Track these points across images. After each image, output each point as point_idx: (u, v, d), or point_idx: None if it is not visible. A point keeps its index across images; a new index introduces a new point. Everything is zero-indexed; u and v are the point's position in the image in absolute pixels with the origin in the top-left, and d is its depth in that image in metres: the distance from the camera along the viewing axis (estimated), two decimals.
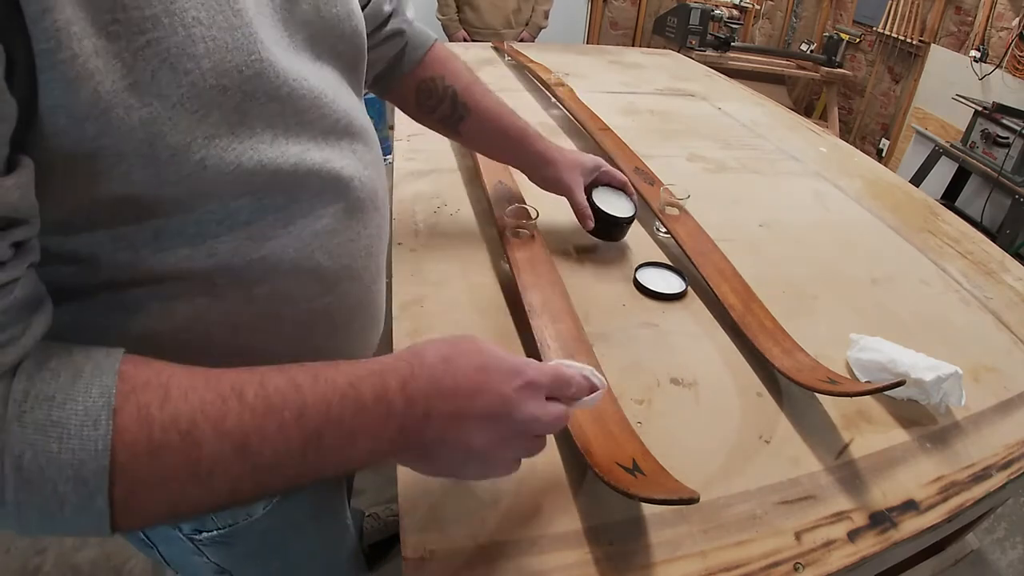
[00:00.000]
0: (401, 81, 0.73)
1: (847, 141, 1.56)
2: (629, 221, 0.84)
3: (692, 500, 0.42)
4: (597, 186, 0.83)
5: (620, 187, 0.84)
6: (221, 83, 0.33)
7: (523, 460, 0.42)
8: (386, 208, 0.54)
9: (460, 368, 0.37)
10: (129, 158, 0.31)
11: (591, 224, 0.81)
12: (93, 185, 0.31)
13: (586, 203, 0.79)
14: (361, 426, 0.34)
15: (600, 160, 0.84)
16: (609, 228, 0.84)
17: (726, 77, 2.02)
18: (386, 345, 0.66)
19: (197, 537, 0.55)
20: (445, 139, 0.85)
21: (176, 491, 0.31)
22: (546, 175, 0.80)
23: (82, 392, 0.29)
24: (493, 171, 0.97)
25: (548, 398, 0.40)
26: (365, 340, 0.55)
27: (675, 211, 0.90)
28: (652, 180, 1.00)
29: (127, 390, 0.29)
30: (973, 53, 2.88)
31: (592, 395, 0.43)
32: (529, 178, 0.83)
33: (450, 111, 0.74)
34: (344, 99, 0.46)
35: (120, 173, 0.31)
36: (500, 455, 0.39)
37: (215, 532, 0.54)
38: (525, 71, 1.74)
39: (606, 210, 0.82)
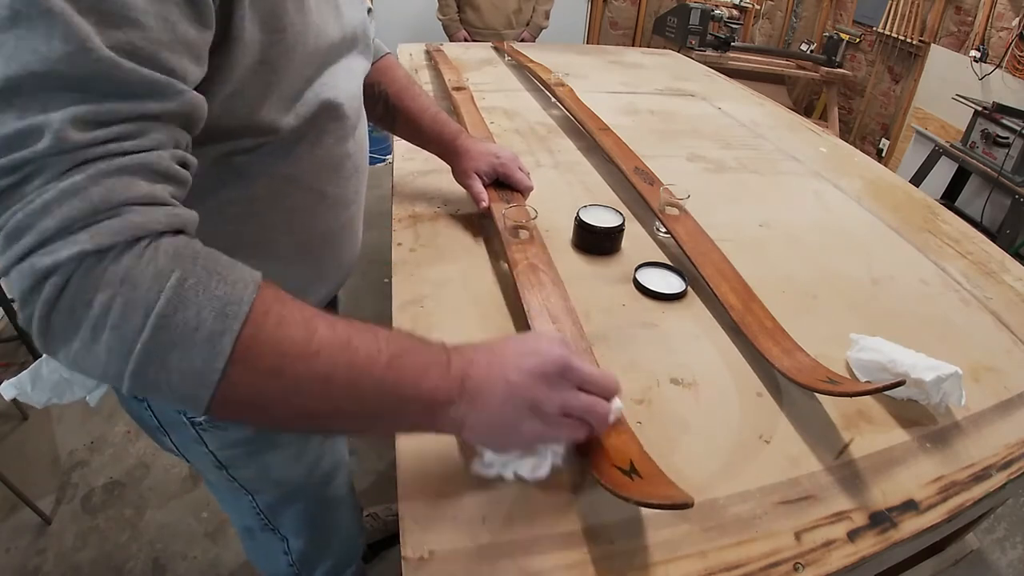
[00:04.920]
0: None
1: (847, 141, 1.56)
2: (614, 233, 0.86)
3: (686, 505, 0.42)
4: (585, 206, 0.88)
5: (516, 187, 0.89)
6: (304, 58, 0.52)
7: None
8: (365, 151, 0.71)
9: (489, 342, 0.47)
10: (250, 95, 0.48)
11: (485, 205, 0.85)
12: (230, 109, 0.47)
13: (480, 188, 0.86)
14: (428, 360, 0.42)
15: (509, 155, 0.89)
16: (600, 241, 0.86)
17: (726, 77, 2.02)
18: None
19: (197, 419, 0.63)
20: None
21: (285, 361, 0.37)
22: (454, 166, 0.90)
23: (239, 268, 0.38)
24: None
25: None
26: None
27: (675, 211, 0.90)
28: (652, 180, 1.00)
29: (267, 284, 0.38)
30: (973, 53, 2.88)
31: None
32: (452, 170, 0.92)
33: (383, 112, 0.87)
34: (361, 77, 0.67)
35: (246, 103, 0.48)
36: (542, 396, 0.43)
37: None
38: (525, 71, 1.74)
39: (591, 223, 0.85)
